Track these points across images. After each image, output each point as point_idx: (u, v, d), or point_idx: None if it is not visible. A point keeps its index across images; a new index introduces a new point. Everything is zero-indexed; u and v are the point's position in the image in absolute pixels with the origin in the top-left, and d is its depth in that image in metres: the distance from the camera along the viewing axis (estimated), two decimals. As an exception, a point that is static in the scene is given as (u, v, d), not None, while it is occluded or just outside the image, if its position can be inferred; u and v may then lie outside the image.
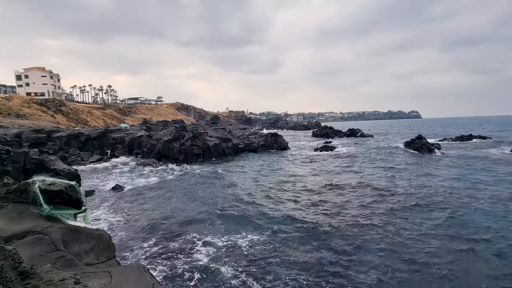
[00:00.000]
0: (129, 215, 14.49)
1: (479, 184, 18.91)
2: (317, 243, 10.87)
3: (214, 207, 15.41)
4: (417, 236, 11.19)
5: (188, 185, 21.08)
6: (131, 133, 42.10)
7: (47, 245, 4.23)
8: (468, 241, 10.66)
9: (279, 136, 47.69)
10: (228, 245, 10.79)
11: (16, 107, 55.76)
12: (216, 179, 23.13)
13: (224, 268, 9.15)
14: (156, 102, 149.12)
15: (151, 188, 20.59)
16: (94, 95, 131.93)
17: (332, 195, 17.49)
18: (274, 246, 10.65)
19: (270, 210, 14.75)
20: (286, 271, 8.96)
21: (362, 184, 19.99)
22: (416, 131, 78.24)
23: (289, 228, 12.31)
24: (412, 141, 39.48)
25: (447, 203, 14.93)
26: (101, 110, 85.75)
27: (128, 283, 3.75)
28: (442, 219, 12.81)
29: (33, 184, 5.17)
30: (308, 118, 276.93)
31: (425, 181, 20.20)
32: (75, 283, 3.00)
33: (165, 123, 49.30)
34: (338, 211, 14.44)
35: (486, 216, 13.05)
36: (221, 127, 48.58)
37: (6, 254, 2.65)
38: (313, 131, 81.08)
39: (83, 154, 35.74)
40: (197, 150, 34.83)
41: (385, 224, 12.44)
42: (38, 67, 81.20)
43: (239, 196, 17.74)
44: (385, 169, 25.64)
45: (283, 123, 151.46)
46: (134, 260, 9.75)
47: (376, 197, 16.59)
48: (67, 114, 66.28)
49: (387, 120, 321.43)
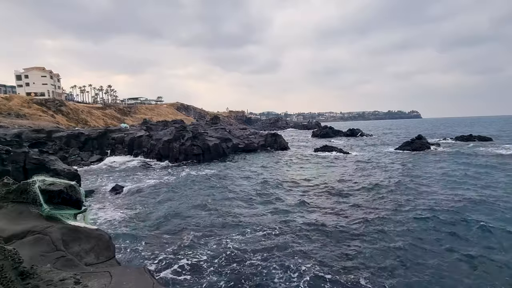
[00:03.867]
0: (129, 215, 14.48)
1: (482, 183, 18.92)
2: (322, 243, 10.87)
3: (214, 207, 15.41)
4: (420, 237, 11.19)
5: (188, 185, 21.08)
6: (131, 133, 42.08)
7: (47, 245, 4.24)
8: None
9: (279, 136, 47.70)
10: (227, 245, 10.79)
11: (16, 107, 55.72)
12: (216, 179, 23.14)
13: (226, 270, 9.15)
14: (156, 102, 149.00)
15: (151, 188, 20.58)
16: (94, 95, 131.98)
17: (332, 195, 17.49)
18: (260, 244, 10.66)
19: (267, 212, 14.76)
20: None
21: (362, 184, 19.98)
22: (416, 131, 78.26)
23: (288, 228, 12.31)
24: (412, 140, 39.50)
25: (445, 203, 14.95)
26: (101, 110, 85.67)
27: (128, 283, 3.76)
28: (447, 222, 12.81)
29: (33, 184, 5.17)
30: (308, 118, 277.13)
31: (426, 181, 20.20)
32: (75, 283, 3.00)
33: (165, 123, 49.28)
34: (337, 212, 14.43)
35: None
36: (221, 127, 48.56)
37: (6, 254, 2.65)
38: (313, 131, 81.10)
39: (83, 154, 35.74)
40: (197, 150, 34.82)
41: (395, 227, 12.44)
42: (38, 67, 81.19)
43: (239, 196, 17.75)
44: (386, 168, 25.64)
45: (283, 123, 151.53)
46: (134, 260, 9.75)
47: (381, 197, 16.61)
48: (67, 114, 66.24)
49: (387, 120, 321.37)
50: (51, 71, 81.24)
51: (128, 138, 40.15)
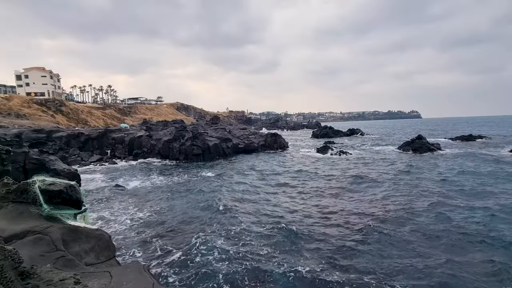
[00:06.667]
0: (129, 215, 14.49)
1: (482, 182, 18.93)
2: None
3: (214, 207, 15.42)
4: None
5: (188, 185, 21.09)
6: (131, 133, 42.05)
7: (47, 245, 4.24)
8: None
9: (279, 136, 47.69)
10: (228, 245, 10.80)
11: (16, 107, 55.71)
12: (216, 179, 23.15)
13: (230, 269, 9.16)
14: (156, 102, 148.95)
15: (151, 188, 20.60)
16: (94, 95, 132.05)
17: (331, 195, 17.50)
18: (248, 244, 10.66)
19: (267, 211, 14.76)
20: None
21: (362, 183, 20.00)
22: (416, 131, 78.24)
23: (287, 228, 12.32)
24: (412, 141, 39.48)
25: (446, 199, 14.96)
26: (101, 110, 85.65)
27: (128, 283, 3.76)
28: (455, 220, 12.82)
29: (33, 184, 5.17)
30: (308, 118, 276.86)
31: (426, 181, 20.20)
32: (75, 283, 3.00)
33: (165, 123, 49.27)
34: (337, 212, 14.44)
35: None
36: (221, 127, 48.56)
37: (6, 254, 2.65)
38: (313, 131, 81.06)
39: (83, 154, 35.74)
40: (197, 150, 34.82)
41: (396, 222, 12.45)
42: (38, 67, 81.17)
43: (239, 196, 17.76)
44: (386, 168, 25.64)
45: (283, 123, 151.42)
46: (134, 260, 9.74)
47: (381, 196, 16.61)
48: (67, 114, 66.25)
49: (387, 120, 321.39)
50: (51, 71, 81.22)
51: (128, 138, 40.13)
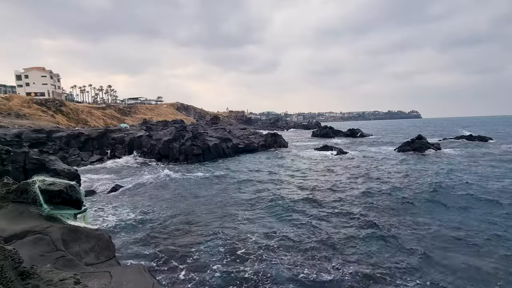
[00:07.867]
0: (129, 215, 14.48)
1: (483, 181, 18.93)
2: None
3: (213, 207, 15.42)
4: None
5: (187, 185, 21.08)
6: (131, 133, 42.06)
7: (47, 245, 4.24)
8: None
9: (279, 136, 47.72)
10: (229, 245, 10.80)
11: (16, 107, 55.69)
12: (216, 179, 23.15)
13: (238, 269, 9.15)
14: (156, 102, 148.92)
15: (151, 188, 20.58)
16: (94, 95, 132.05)
17: (332, 195, 17.49)
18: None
19: (268, 211, 14.77)
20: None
21: (362, 183, 19.99)
22: (416, 131, 78.21)
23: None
24: (412, 140, 39.47)
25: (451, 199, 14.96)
26: (101, 110, 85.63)
27: (128, 283, 3.76)
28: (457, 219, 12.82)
29: (33, 184, 5.17)
30: (308, 118, 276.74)
31: (426, 179, 20.20)
32: (75, 283, 3.00)
33: (165, 123, 49.30)
34: (338, 211, 14.44)
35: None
36: (221, 127, 48.59)
37: (6, 254, 2.64)
38: (313, 131, 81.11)
39: (83, 154, 35.74)
40: (197, 150, 34.82)
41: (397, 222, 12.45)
42: (38, 67, 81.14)
43: (239, 196, 17.75)
44: (386, 168, 25.63)
45: (283, 123, 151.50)
46: (135, 259, 9.74)
47: (380, 196, 16.62)
48: (67, 114, 66.23)
49: (387, 120, 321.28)
50: (51, 71, 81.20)
51: (128, 138, 40.14)
